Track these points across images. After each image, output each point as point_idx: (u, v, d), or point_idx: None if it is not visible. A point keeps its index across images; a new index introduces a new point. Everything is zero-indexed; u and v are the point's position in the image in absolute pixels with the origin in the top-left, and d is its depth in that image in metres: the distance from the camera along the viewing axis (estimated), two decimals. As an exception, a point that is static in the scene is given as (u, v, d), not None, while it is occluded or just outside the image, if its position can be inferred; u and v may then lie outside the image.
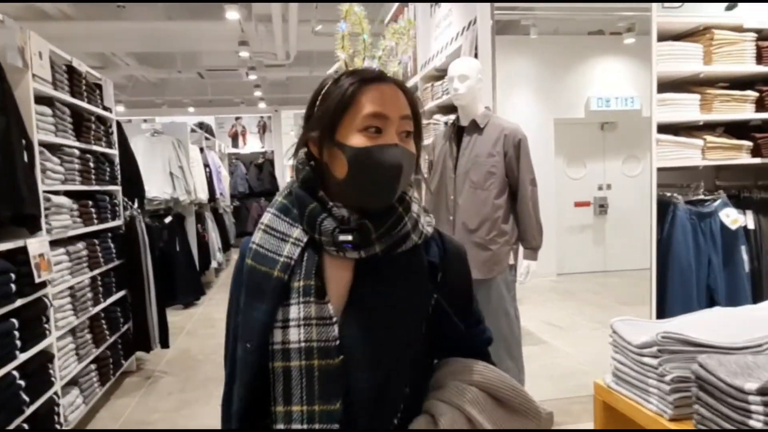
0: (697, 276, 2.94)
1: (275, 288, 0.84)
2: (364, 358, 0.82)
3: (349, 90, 0.84)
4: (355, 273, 0.86)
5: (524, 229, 2.44)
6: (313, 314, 0.83)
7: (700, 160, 2.96)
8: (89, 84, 3.41)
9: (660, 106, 2.89)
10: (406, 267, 0.87)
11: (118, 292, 3.63)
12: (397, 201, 0.87)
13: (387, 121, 0.83)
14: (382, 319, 0.84)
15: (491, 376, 0.87)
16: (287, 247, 0.86)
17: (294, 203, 0.89)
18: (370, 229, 0.84)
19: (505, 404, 0.87)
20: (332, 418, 0.81)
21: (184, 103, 10.97)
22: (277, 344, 0.83)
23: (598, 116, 7.42)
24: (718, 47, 2.88)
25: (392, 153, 0.83)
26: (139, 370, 3.97)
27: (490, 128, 2.43)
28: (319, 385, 0.81)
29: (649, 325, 1.36)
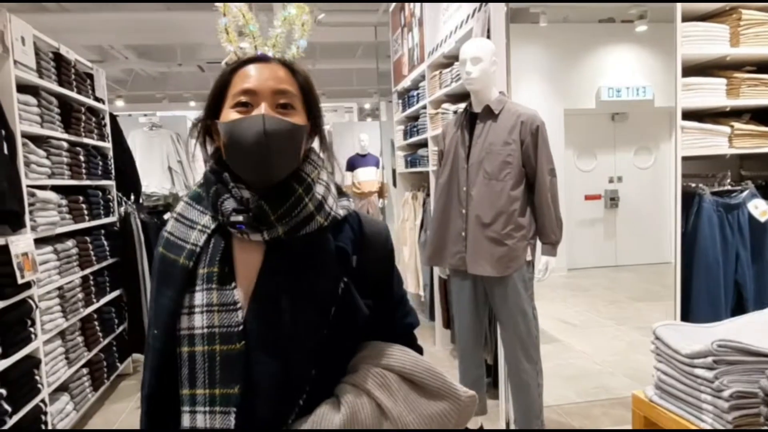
0: (724, 271, 2.76)
1: (180, 275, 0.86)
2: (266, 343, 0.83)
3: (226, 72, 0.89)
4: (264, 257, 0.87)
5: (542, 222, 2.26)
6: (215, 300, 0.84)
7: (727, 148, 2.76)
8: (79, 73, 3.25)
9: (684, 91, 2.70)
10: (313, 250, 0.87)
11: (112, 292, 3.48)
12: (295, 181, 0.87)
13: (256, 96, 0.85)
14: (286, 303, 0.84)
15: (404, 359, 0.88)
16: (194, 234, 0.88)
17: (205, 190, 0.90)
18: (265, 210, 0.84)
19: (422, 387, 0.87)
20: (230, 402, 0.82)
21: (185, 98, 10.80)
22: (184, 330, 0.85)
23: (609, 106, 7.23)
24: (746, 28, 2.68)
25: (254, 122, 0.82)
26: (135, 373, 3.81)
27: (506, 114, 2.25)
28: (220, 369, 0.82)
29: (697, 331, 1.19)
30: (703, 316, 2.78)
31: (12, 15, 2.43)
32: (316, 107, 0.92)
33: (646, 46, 7.09)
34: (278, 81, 0.87)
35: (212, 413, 0.82)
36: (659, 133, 7.59)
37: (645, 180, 7.56)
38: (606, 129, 7.55)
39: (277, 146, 0.83)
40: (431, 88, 3.62)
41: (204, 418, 0.83)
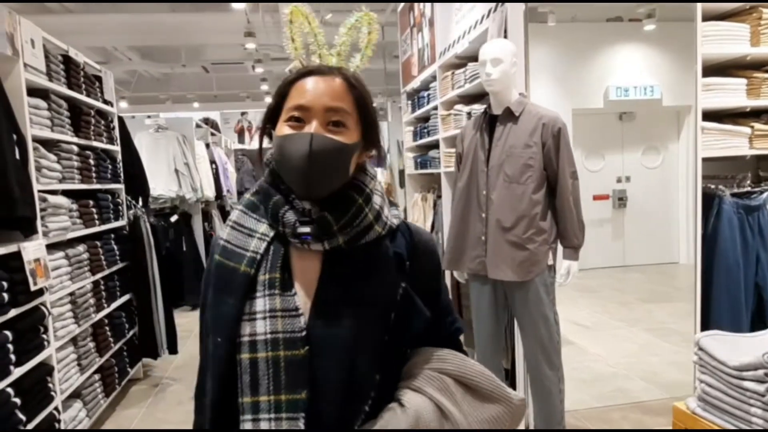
0: (744, 274, 2.72)
1: (242, 282, 0.86)
2: (330, 348, 0.83)
3: (284, 84, 0.89)
4: (323, 265, 0.88)
5: (564, 226, 2.21)
6: (278, 306, 0.84)
7: (747, 149, 2.72)
8: (88, 76, 3.22)
9: (704, 91, 2.65)
10: (372, 258, 0.89)
11: (122, 297, 3.45)
12: (356, 192, 0.89)
13: (308, 112, 0.85)
14: (348, 310, 0.85)
15: (459, 363, 0.90)
16: (253, 242, 0.88)
17: (261, 200, 0.91)
18: (329, 221, 0.86)
19: (476, 391, 0.89)
20: (298, 407, 0.82)
21: (188, 99, 10.79)
22: (245, 336, 0.84)
23: (617, 106, 7.18)
24: (766, 27, 2.64)
25: (300, 140, 0.83)
26: (146, 378, 3.79)
27: (526, 116, 2.20)
28: (285, 375, 0.82)
29: (741, 341, 1.15)
30: (723, 319, 2.73)
31: (21, 17, 2.40)
32: (372, 122, 0.92)
33: (653, 45, 7.04)
34: (332, 97, 0.86)
35: (278, 420, 0.82)
36: (667, 133, 7.55)
37: (653, 180, 7.52)
38: (614, 129, 7.51)
39: (322, 165, 0.84)
40: (443, 89, 3.57)
41: (269, 425, 0.83)
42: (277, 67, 9.87)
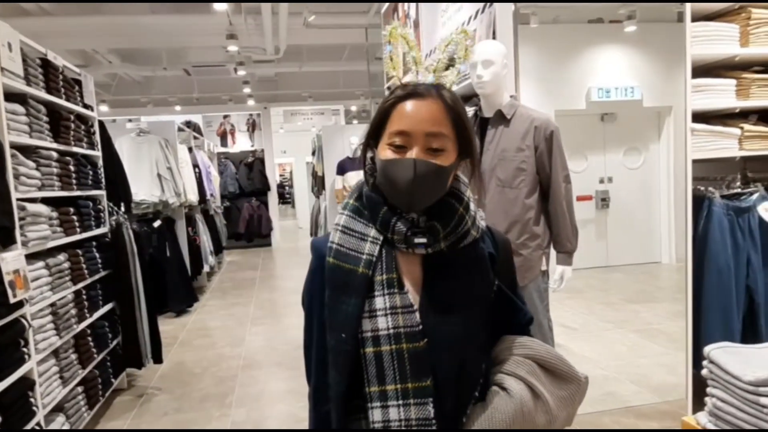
0: (735, 276, 2.72)
1: (361, 283, 0.94)
2: (443, 340, 0.92)
3: (385, 106, 0.96)
4: (424, 267, 0.97)
5: (557, 231, 2.20)
6: (398, 304, 0.93)
7: (737, 150, 2.73)
8: (67, 80, 3.12)
9: (693, 92, 2.66)
10: (470, 259, 0.98)
11: (105, 306, 3.35)
12: (456, 201, 0.98)
13: (410, 138, 0.92)
14: (454, 307, 0.95)
15: (540, 349, 1.00)
16: (367, 246, 0.96)
17: (365, 206, 0.99)
18: (439, 230, 0.95)
19: (552, 372, 1.00)
20: (426, 393, 0.91)
21: (170, 102, 10.62)
22: (367, 332, 0.93)
23: (599, 107, 7.24)
24: (755, 27, 2.65)
25: (403, 167, 0.91)
26: (130, 388, 3.69)
27: (518, 119, 2.18)
28: (410, 365, 0.91)
29: (752, 353, 1.13)
30: (714, 321, 2.74)
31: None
32: (468, 139, 0.98)
33: (634, 46, 7.11)
34: (432, 123, 0.93)
35: (406, 405, 0.91)
36: (648, 134, 7.63)
37: (635, 180, 7.59)
38: (596, 130, 7.56)
39: (424, 188, 0.93)
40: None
41: (398, 411, 0.91)
42: (260, 69, 9.76)
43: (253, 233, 10.77)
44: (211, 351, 4.43)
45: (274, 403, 3.39)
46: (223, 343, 4.64)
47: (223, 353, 4.36)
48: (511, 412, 0.92)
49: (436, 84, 0.98)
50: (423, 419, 0.90)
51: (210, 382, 3.75)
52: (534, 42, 6.76)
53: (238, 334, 4.87)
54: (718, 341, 2.74)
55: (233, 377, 3.82)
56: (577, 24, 7.12)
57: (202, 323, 5.35)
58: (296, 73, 10.22)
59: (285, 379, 3.76)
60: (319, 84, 11.01)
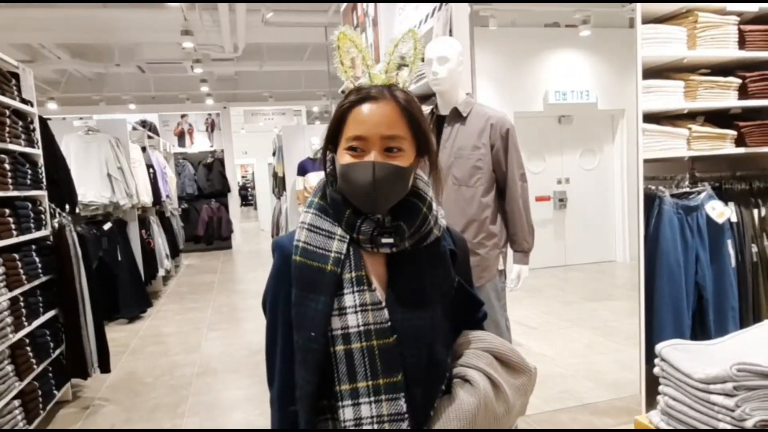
0: (685, 273, 2.78)
1: (331, 281, 0.94)
2: (411, 336, 0.94)
3: (340, 111, 0.96)
4: (388, 265, 0.99)
5: (514, 230, 2.18)
6: (367, 301, 0.94)
7: (685, 150, 2.79)
8: (2, 72, 2.94)
9: (644, 94, 2.70)
10: (432, 257, 1.00)
11: (46, 313, 3.17)
12: (420, 201, 0.99)
13: (367, 142, 0.93)
14: (419, 303, 0.96)
15: (496, 342, 1.04)
16: (335, 244, 0.97)
17: (330, 205, 0.99)
18: (404, 230, 0.97)
19: (507, 364, 1.03)
20: (398, 388, 0.92)
21: (123, 100, 10.27)
22: (337, 330, 0.93)
23: (556, 109, 7.37)
24: (702, 31, 2.72)
25: (362, 170, 0.92)
26: (75, 399, 3.50)
27: (474, 117, 2.16)
28: (381, 361, 0.92)
29: (703, 350, 1.13)
30: (665, 318, 2.79)
31: None
32: (425, 137, 0.99)
33: (589, 50, 7.28)
34: (388, 126, 0.93)
35: (378, 402, 0.91)
36: (602, 136, 7.81)
37: (590, 181, 7.76)
38: (553, 131, 7.70)
39: (385, 190, 0.94)
40: (389, 91, 3.50)
41: (370, 408, 0.91)
42: (218, 68, 9.55)
43: (213, 236, 10.52)
44: (165, 358, 4.27)
45: (229, 411, 3.27)
46: (177, 350, 4.48)
47: (176, 361, 4.21)
48: (475, 403, 0.94)
49: (389, 85, 0.98)
50: (396, 414, 0.91)
51: (162, 391, 3.60)
52: (493, 44, 6.83)
53: (194, 340, 4.71)
54: (670, 337, 2.79)
55: (187, 385, 3.68)
56: (534, 28, 7.24)
57: (155, 329, 5.16)
58: (257, 72, 10.04)
59: (242, 387, 3.65)
60: (280, 84, 10.86)
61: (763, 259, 2.96)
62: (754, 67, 2.87)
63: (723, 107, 2.87)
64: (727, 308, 2.85)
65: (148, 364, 4.16)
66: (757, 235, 2.96)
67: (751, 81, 2.81)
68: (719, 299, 2.84)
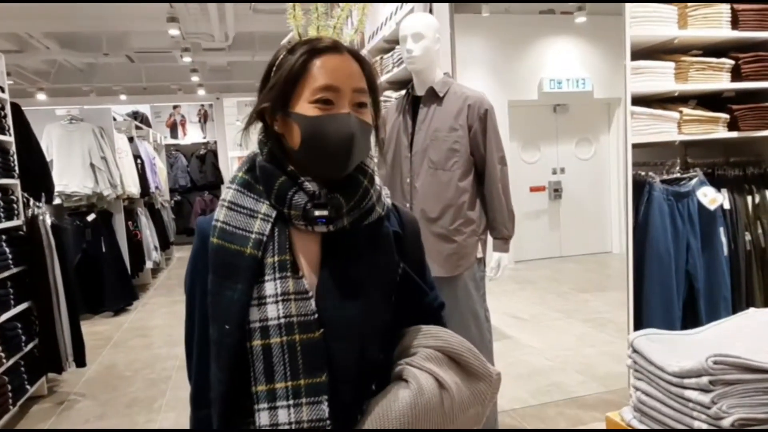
0: (675, 261, 2.68)
1: (250, 266, 0.83)
2: (341, 329, 0.83)
3: (300, 60, 0.84)
4: (323, 246, 0.87)
5: (494, 216, 2.08)
6: (290, 289, 0.83)
7: (676, 134, 2.69)
8: (-33, 57, 2.83)
9: (633, 75, 2.59)
10: (374, 238, 0.89)
11: (18, 305, 3.07)
12: (360, 173, 0.88)
13: (338, 93, 0.84)
14: (355, 291, 0.85)
15: (451, 340, 0.90)
16: (257, 223, 0.85)
17: (258, 178, 0.88)
18: (341, 203, 0.85)
19: (464, 367, 0.89)
20: (319, 391, 0.81)
21: (114, 91, 10.13)
22: (255, 322, 0.82)
23: (551, 98, 7.25)
24: (693, 9, 2.61)
25: (344, 121, 0.83)
26: (51, 394, 3.41)
27: (451, 97, 2.05)
28: (303, 359, 0.81)
29: (679, 341, 1.03)
30: (655, 308, 2.70)
31: None
32: (378, 100, 0.92)
33: (584, 37, 7.15)
34: (357, 79, 0.86)
35: (297, 406, 0.81)
36: (598, 125, 7.70)
37: (586, 171, 7.66)
38: (548, 120, 7.58)
39: (358, 144, 0.84)
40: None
41: (288, 412, 0.81)
42: (211, 58, 9.40)
43: (206, 228, 10.41)
44: (146, 352, 4.18)
45: (207, 404, 3.19)
46: (160, 343, 4.39)
47: (159, 354, 4.12)
48: (409, 401, 0.81)
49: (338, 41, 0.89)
50: (316, 420, 0.80)
51: (140, 385, 3.51)
52: (486, 31, 6.70)
53: (179, 334, 4.56)
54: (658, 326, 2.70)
55: (166, 379, 3.59)
56: (528, 15, 7.10)
57: (140, 322, 5.07)
58: (249, 62, 9.88)
59: (222, 379, 3.56)
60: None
61: (756, 247, 2.86)
62: (747, 48, 2.76)
63: (715, 89, 2.76)
64: (719, 298, 2.75)
65: (129, 357, 4.07)
66: (750, 222, 2.87)
67: (745, 62, 2.70)
68: (711, 289, 2.75)
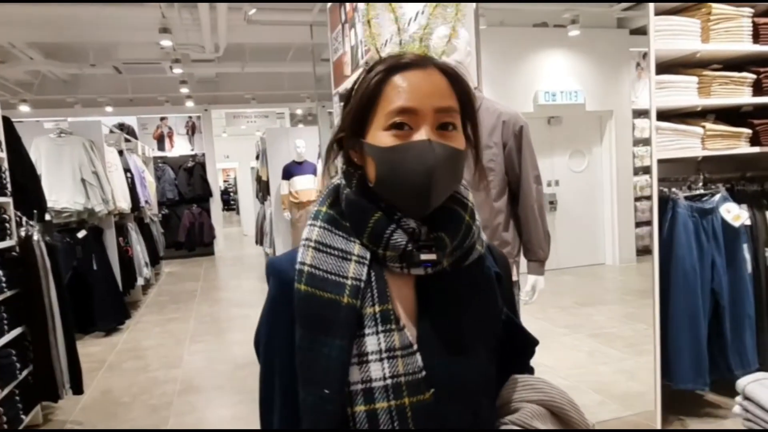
0: (701, 279, 2.63)
1: (348, 318, 0.72)
2: (453, 388, 0.73)
3: (374, 80, 0.74)
4: (418, 290, 0.76)
5: (528, 238, 2.00)
6: (396, 344, 0.72)
7: (700, 150, 2.65)
8: (-39, 68, 2.68)
9: (657, 89, 2.54)
10: (475, 281, 0.79)
11: (11, 331, 2.90)
12: (460, 206, 0.78)
13: (416, 116, 0.72)
14: (460, 342, 0.75)
15: (553, 393, 0.84)
16: (351, 267, 0.74)
17: (345, 213, 0.77)
18: (446, 243, 0.75)
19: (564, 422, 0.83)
20: None
21: (100, 102, 9.91)
22: (356, 384, 0.71)
23: (546, 110, 7.26)
24: (716, 23, 2.58)
25: (421, 150, 0.71)
26: (46, 423, 3.23)
27: (484, 114, 1.97)
28: (414, 425, 0.71)
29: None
30: (681, 325, 2.64)
31: None
32: (475, 120, 0.79)
33: (577, 50, 7.20)
34: (441, 96, 0.73)
35: None
36: (591, 137, 7.74)
37: (580, 183, 7.69)
38: (543, 133, 7.59)
39: (443, 177, 0.72)
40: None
41: None
42: (200, 69, 9.26)
43: (195, 242, 10.22)
44: (143, 375, 4.00)
45: (213, 432, 3.04)
46: (157, 365, 4.22)
47: (156, 377, 3.95)
48: None
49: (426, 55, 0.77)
50: None
51: (140, 412, 3.34)
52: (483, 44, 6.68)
53: (175, 354, 4.45)
54: (685, 346, 2.65)
55: (167, 405, 3.43)
56: (523, 28, 7.14)
57: (134, 343, 4.88)
58: (239, 73, 9.76)
59: (228, 405, 3.41)
60: (263, 86, 10.59)
61: (776, 263, 2.82)
62: (767, 62, 2.73)
63: (737, 104, 2.73)
64: (743, 316, 2.71)
65: (126, 381, 3.89)
66: (770, 238, 2.83)
67: (766, 76, 2.68)
68: (735, 306, 2.70)
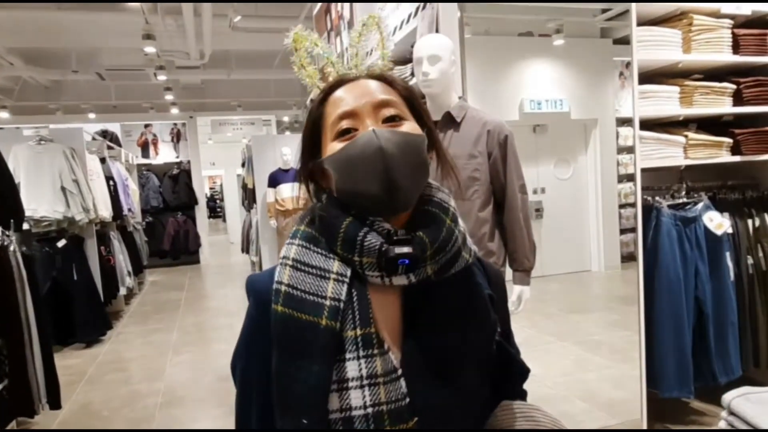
0: (685, 287, 2.64)
1: (328, 341, 0.67)
2: (437, 418, 0.68)
3: (314, 106, 0.77)
4: (403, 305, 0.72)
5: (514, 248, 1.99)
6: (378, 370, 0.67)
7: (682, 159, 2.66)
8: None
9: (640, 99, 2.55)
10: (465, 293, 0.74)
11: (-14, 344, 2.82)
12: (439, 210, 0.75)
13: (358, 117, 0.73)
14: (448, 366, 0.70)
15: (546, 422, 0.79)
16: (330, 286, 0.70)
17: (322, 229, 0.74)
18: (425, 241, 0.70)
19: None
20: None
21: (83, 109, 9.79)
22: (335, 412, 0.67)
23: (531, 119, 7.32)
24: (697, 34, 2.60)
25: (365, 140, 0.70)
26: (21, 438, 3.15)
27: (469, 123, 1.96)
28: None
29: (775, 398, 0.93)
30: (666, 334, 2.64)
31: None
32: (427, 117, 0.78)
33: (562, 60, 7.29)
34: (376, 92, 0.74)
35: None
36: (576, 145, 7.83)
37: (565, 191, 7.75)
38: (528, 141, 7.65)
39: (401, 163, 0.68)
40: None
41: None
42: (185, 76, 9.20)
43: (180, 250, 10.10)
44: (125, 388, 3.92)
45: (195, 446, 2.98)
46: (139, 378, 4.14)
47: (138, 390, 3.86)
48: None
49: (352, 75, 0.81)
50: None
51: (121, 426, 3.26)
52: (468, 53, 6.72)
53: (158, 366, 4.37)
54: (670, 355, 2.66)
55: (149, 419, 3.35)
56: (508, 37, 7.21)
57: (115, 354, 4.79)
58: (224, 80, 9.72)
59: (210, 417, 3.34)
60: (249, 93, 10.55)
61: (759, 271, 2.85)
62: (746, 72, 2.77)
63: (718, 113, 2.76)
64: (727, 323, 2.72)
65: (106, 394, 3.80)
66: (752, 246, 2.86)
67: (746, 87, 2.71)
68: (719, 314, 2.71)
